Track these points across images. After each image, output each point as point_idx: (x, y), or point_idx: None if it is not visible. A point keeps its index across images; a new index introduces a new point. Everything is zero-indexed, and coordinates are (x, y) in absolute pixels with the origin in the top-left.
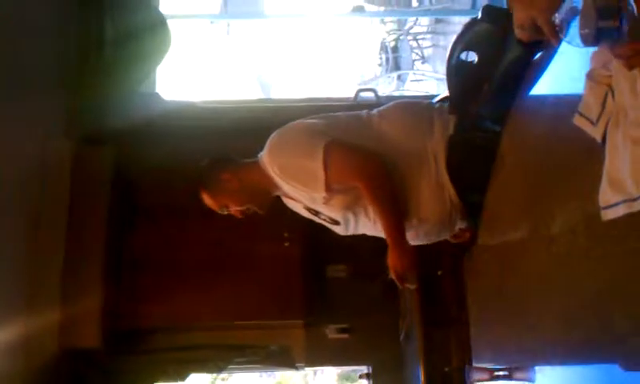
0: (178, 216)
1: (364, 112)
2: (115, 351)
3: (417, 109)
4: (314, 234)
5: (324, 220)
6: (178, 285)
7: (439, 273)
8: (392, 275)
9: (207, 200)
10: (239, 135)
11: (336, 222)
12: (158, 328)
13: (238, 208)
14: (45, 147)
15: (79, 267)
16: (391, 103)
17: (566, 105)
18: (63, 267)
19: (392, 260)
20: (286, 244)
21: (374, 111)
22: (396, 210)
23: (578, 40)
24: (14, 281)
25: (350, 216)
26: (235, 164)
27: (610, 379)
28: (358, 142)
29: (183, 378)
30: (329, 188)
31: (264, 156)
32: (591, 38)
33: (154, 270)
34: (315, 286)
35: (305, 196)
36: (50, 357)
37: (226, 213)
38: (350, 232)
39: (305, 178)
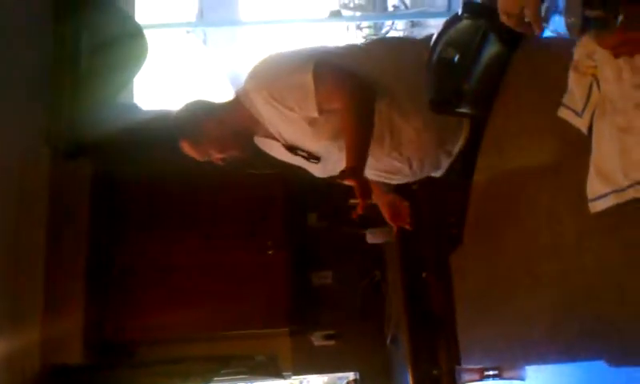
0: (160, 226)
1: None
2: (98, 366)
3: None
4: (298, 241)
5: (302, 156)
6: (161, 297)
7: (424, 275)
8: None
9: (188, 149)
10: None
11: (315, 158)
12: (142, 341)
13: (220, 154)
14: (22, 160)
15: (60, 282)
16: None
17: (549, 103)
18: (44, 283)
19: (351, 174)
20: (270, 252)
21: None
22: (366, 137)
23: (563, 30)
24: None
25: (335, 149)
26: (212, 107)
27: (599, 376)
28: (351, 65)
29: None
30: (320, 106)
31: (247, 87)
32: (577, 28)
33: (137, 283)
34: (300, 294)
35: (289, 125)
36: (32, 374)
37: (207, 159)
38: (327, 172)
39: (297, 96)
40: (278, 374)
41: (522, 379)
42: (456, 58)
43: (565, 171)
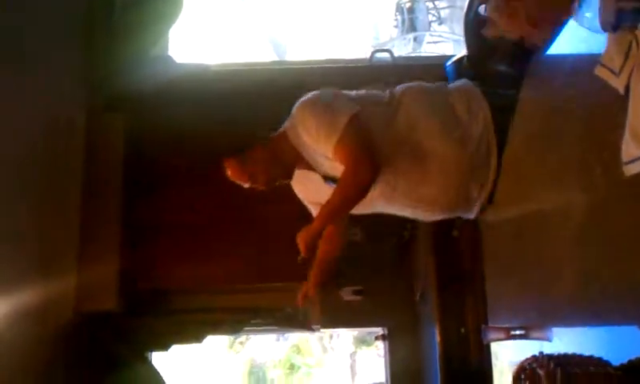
0: (194, 180)
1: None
2: (132, 314)
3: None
4: None
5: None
6: (194, 248)
7: (455, 233)
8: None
9: (233, 170)
10: (253, 98)
11: None
12: (174, 290)
13: (265, 178)
14: (57, 114)
15: (96, 231)
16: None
17: (587, 60)
18: (80, 231)
19: (308, 231)
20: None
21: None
22: (341, 213)
23: (595, 24)
24: (29, 246)
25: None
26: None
27: (628, 341)
28: (378, 129)
29: (200, 340)
30: (332, 153)
31: (293, 121)
32: (611, 21)
33: (170, 234)
34: None
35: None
36: (66, 321)
37: (249, 186)
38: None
39: (322, 130)
40: (307, 327)
41: (549, 340)
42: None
43: (597, 133)
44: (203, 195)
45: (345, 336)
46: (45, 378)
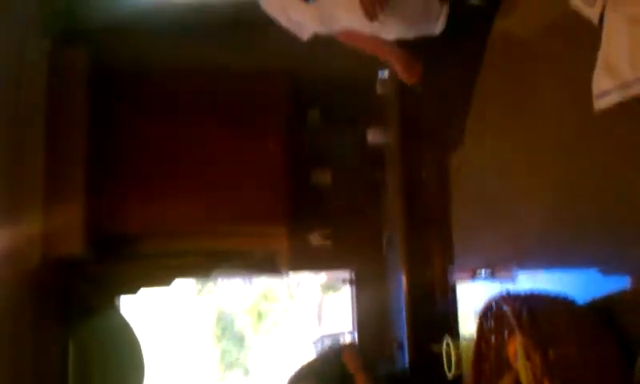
0: (160, 117)
1: None
2: (100, 258)
3: None
4: (298, 138)
5: None
6: (162, 190)
7: (423, 175)
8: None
9: None
10: (221, 31)
11: None
12: (143, 234)
13: None
14: (20, 47)
15: (60, 172)
16: None
17: None
18: (44, 173)
19: None
20: (270, 147)
21: None
22: None
23: None
24: None
25: None
26: None
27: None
28: None
29: (168, 284)
30: None
31: None
32: None
33: (137, 174)
34: (299, 191)
35: None
36: (34, 266)
37: None
38: (325, 22)
39: None
40: (276, 271)
41: (514, 281)
42: None
43: (571, 67)
44: (172, 133)
45: (312, 282)
46: (13, 322)
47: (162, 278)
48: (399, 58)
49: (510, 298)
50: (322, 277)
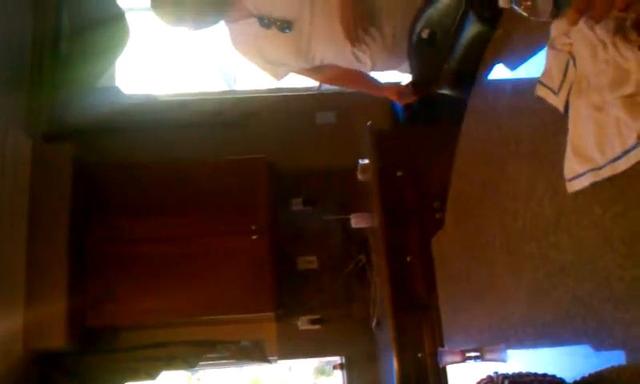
0: (144, 211)
1: None
2: (82, 351)
3: None
4: (282, 226)
5: (276, 26)
6: (146, 282)
7: (408, 259)
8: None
9: None
10: (202, 127)
11: (288, 25)
12: (126, 326)
13: None
14: (3, 144)
15: (42, 267)
16: None
17: (527, 83)
18: (26, 268)
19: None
20: (255, 237)
21: None
22: None
23: (538, 11)
24: None
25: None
26: None
27: (581, 360)
28: None
29: (154, 377)
30: None
31: None
32: (550, 7)
33: (121, 268)
34: (285, 278)
35: None
36: (16, 359)
37: None
38: (302, 54)
39: None
40: (264, 359)
41: (504, 361)
42: (436, 38)
43: (543, 151)
44: (155, 227)
45: (304, 367)
46: None
47: (147, 370)
48: (391, 90)
49: (498, 379)
50: (313, 361)
